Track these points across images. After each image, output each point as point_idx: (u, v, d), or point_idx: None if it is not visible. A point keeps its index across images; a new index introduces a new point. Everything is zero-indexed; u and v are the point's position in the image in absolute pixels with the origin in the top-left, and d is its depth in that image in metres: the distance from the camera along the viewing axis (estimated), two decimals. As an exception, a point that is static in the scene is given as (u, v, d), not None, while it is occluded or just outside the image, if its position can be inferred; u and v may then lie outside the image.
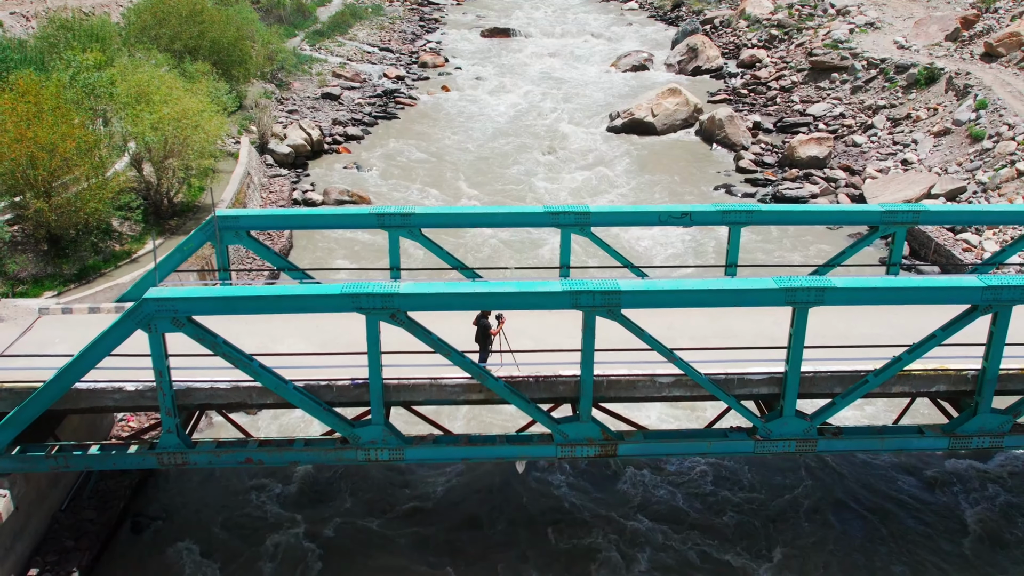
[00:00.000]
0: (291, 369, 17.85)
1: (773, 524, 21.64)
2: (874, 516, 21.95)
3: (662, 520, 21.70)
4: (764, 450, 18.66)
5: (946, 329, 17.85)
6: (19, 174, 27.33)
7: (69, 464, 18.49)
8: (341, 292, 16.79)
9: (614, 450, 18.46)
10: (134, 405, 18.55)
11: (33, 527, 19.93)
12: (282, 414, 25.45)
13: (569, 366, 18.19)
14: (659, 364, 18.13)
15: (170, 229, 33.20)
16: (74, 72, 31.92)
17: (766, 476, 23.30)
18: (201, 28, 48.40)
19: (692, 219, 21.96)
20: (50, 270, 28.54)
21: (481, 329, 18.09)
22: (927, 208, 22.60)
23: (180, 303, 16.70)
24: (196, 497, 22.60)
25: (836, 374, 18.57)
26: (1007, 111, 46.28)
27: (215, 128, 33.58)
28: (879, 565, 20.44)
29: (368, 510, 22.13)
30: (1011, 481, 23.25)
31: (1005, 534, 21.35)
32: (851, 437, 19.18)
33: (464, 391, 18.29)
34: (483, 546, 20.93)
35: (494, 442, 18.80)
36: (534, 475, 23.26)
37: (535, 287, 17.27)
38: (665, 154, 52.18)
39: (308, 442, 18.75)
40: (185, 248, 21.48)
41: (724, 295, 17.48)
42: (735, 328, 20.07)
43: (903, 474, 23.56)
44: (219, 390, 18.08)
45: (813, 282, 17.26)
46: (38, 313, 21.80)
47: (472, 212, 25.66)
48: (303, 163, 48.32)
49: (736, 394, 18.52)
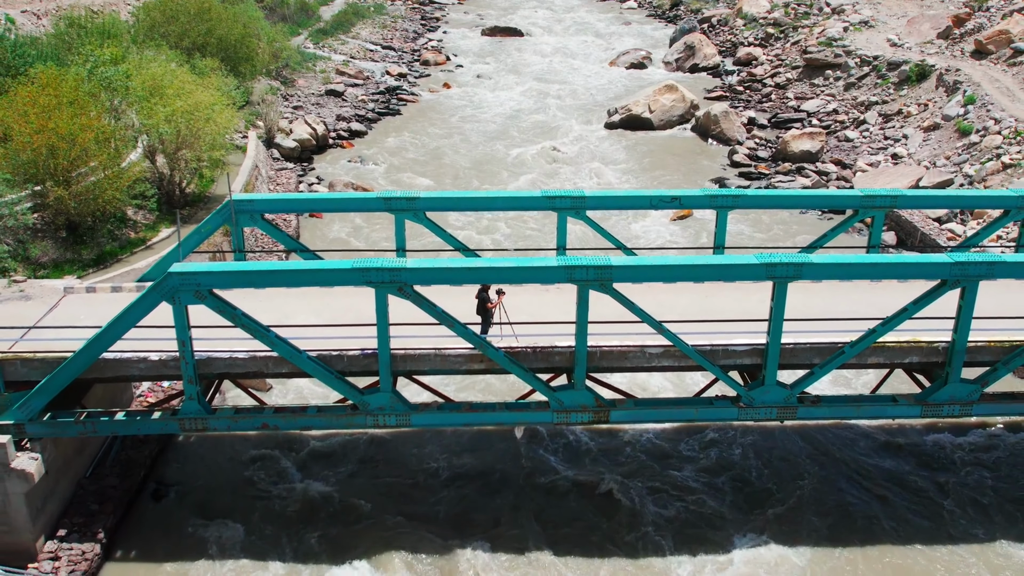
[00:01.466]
0: (304, 340, 19.08)
1: (766, 489, 22.88)
2: (857, 482, 23.19)
3: (658, 488, 22.92)
4: (747, 417, 19.92)
5: (917, 303, 19.09)
6: (40, 163, 28.56)
7: (96, 429, 19.76)
8: (352, 267, 18.04)
9: (607, 416, 19.72)
10: (157, 374, 19.81)
11: (61, 491, 21.20)
12: (291, 392, 26.73)
13: (564, 338, 19.43)
14: (649, 336, 19.36)
15: (183, 219, 34.40)
16: (92, 66, 33.16)
17: (758, 450, 24.53)
18: (209, 26, 49.66)
19: (682, 203, 23.21)
20: (69, 255, 29.76)
21: (481, 302, 19.33)
22: (904, 193, 23.85)
23: (202, 276, 17.96)
24: (213, 467, 23.85)
25: (815, 345, 19.80)
26: (994, 106, 47.54)
27: (226, 121, 34.82)
28: (865, 523, 21.70)
29: (376, 479, 23.36)
30: (986, 455, 24.49)
31: (979, 498, 22.62)
32: (829, 405, 20.46)
33: (466, 361, 19.54)
34: (488, 512, 22.14)
35: (494, 409, 20.06)
36: (535, 451, 24.49)
37: (533, 262, 18.53)
38: (661, 149, 53.44)
39: (320, 409, 20.02)
40: (203, 230, 22.73)
41: (709, 270, 18.75)
42: (722, 306, 21.31)
43: (888, 450, 24.81)
44: (238, 360, 19.34)
45: (792, 258, 18.50)
46: (63, 292, 23.07)
47: (474, 196, 26.91)
48: (308, 157, 49.62)
49: (721, 364, 19.77)
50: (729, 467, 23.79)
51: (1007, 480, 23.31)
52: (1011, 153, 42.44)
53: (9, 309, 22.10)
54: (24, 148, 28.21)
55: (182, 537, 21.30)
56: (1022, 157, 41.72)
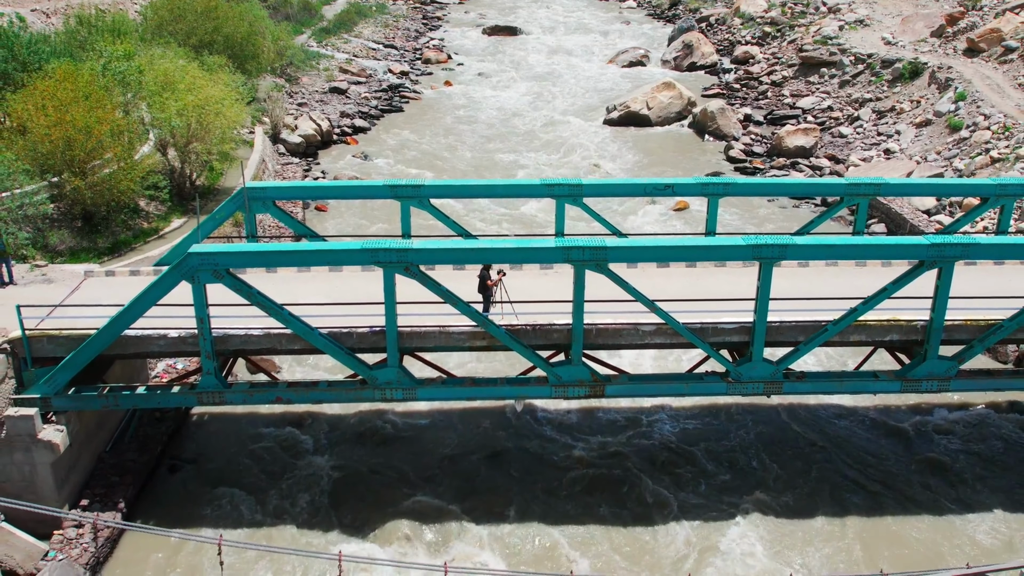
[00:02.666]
0: (316, 318, 20.14)
1: (758, 460, 23.97)
2: (840, 453, 24.27)
3: (654, 458, 23.99)
4: (735, 392, 20.98)
5: (896, 283, 20.14)
6: (58, 155, 29.66)
7: (119, 403, 20.84)
8: (362, 248, 19.12)
9: (602, 391, 20.79)
10: (176, 351, 20.88)
11: (83, 463, 22.27)
12: (300, 374, 27.80)
13: (562, 316, 20.48)
14: (643, 315, 20.42)
15: (193, 210, 35.50)
16: (106, 62, 34.25)
17: (750, 428, 25.60)
18: (216, 24, 50.73)
19: (675, 191, 24.29)
20: (85, 244, 30.88)
21: (482, 281, 20.40)
22: (887, 181, 24.91)
23: (220, 257, 19.04)
24: (226, 444, 24.91)
25: (799, 324, 20.85)
26: (984, 102, 48.60)
27: (235, 115, 35.94)
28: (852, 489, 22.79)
29: (383, 455, 24.42)
30: (961, 429, 25.63)
31: (950, 467, 23.80)
32: (814, 381, 21.53)
33: (469, 338, 20.61)
34: (490, 484, 23.20)
35: (496, 383, 21.14)
36: (536, 428, 25.55)
37: (532, 243, 19.63)
38: (659, 145, 54.52)
39: (331, 383, 21.12)
40: (218, 216, 23.81)
41: (699, 251, 19.85)
42: (713, 288, 22.37)
43: (869, 426, 25.88)
44: (253, 336, 20.41)
45: (777, 240, 19.56)
46: (83, 275, 24.16)
47: (476, 184, 27.97)
48: (313, 152, 50.72)
49: (711, 342, 20.83)
50: (723, 443, 24.85)
51: (991, 458, 24.37)
52: (999, 148, 43.50)
53: (33, 291, 23.19)
54: (42, 140, 29.32)
55: (198, 507, 22.34)
56: (1010, 151, 42.77)
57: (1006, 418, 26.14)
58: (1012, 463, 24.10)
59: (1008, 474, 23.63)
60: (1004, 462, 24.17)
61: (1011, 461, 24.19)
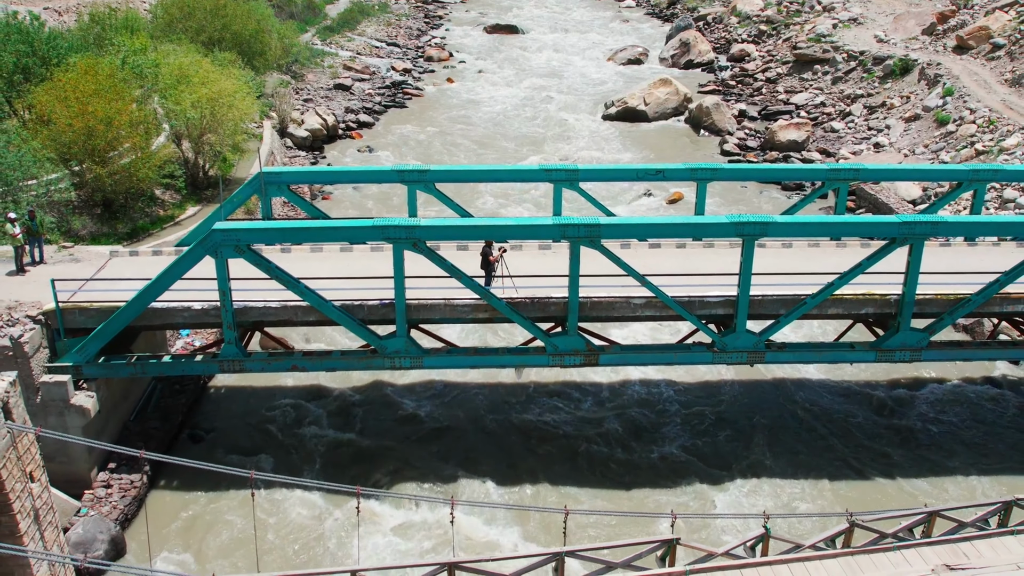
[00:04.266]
0: (329, 291, 21.61)
1: (742, 424, 25.48)
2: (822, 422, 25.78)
3: (647, 427, 25.50)
4: (720, 360, 22.45)
5: (870, 259, 21.60)
6: (80, 144, 31.15)
7: (145, 371, 22.34)
8: (373, 225, 20.61)
9: (596, 359, 22.27)
10: (199, 322, 22.37)
11: (110, 430, 23.77)
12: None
13: (559, 290, 21.96)
14: (634, 288, 21.89)
15: (206, 198, 37.07)
16: (124, 56, 35.75)
17: (736, 397, 27.12)
18: (224, 21, 52.25)
19: (665, 175, 25.75)
20: (106, 229, 32.40)
21: (484, 256, 21.88)
22: (866, 167, 26.39)
23: (242, 233, 20.52)
24: (244, 415, 26.38)
25: (780, 297, 22.32)
26: (970, 97, 50.09)
27: (246, 107, 37.43)
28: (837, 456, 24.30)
29: (392, 423, 25.91)
30: (934, 398, 27.18)
31: (920, 431, 25.40)
32: (794, 351, 23.01)
33: (472, 310, 22.08)
34: (493, 447, 24.71)
35: (497, 352, 22.63)
36: (537, 399, 27.05)
37: (531, 221, 21.11)
38: (655, 139, 56.02)
39: (344, 353, 22.59)
40: (236, 199, 25.30)
41: (686, 228, 21.33)
42: (701, 266, 23.80)
43: (848, 397, 27.39)
44: (271, 308, 21.89)
45: (758, 218, 21.03)
46: (109, 255, 25.64)
47: (479, 169, 29.46)
48: (320, 146, 52.22)
49: (697, 314, 22.30)
50: (706, 410, 26.37)
51: (959, 423, 25.87)
52: (984, 141, 45.01)
53: (61, 270, 24.65)
54: (66, 130, 30.80)
55: (217, 474, 23.78)
56: (994, 144, 44.27)
57: (977, 390, 27.62)
58: (978, 425, 25.69)
59: (973, 434, 25.25)
60: (971, 425, 25.74)
61: (977, 424, 25.77)
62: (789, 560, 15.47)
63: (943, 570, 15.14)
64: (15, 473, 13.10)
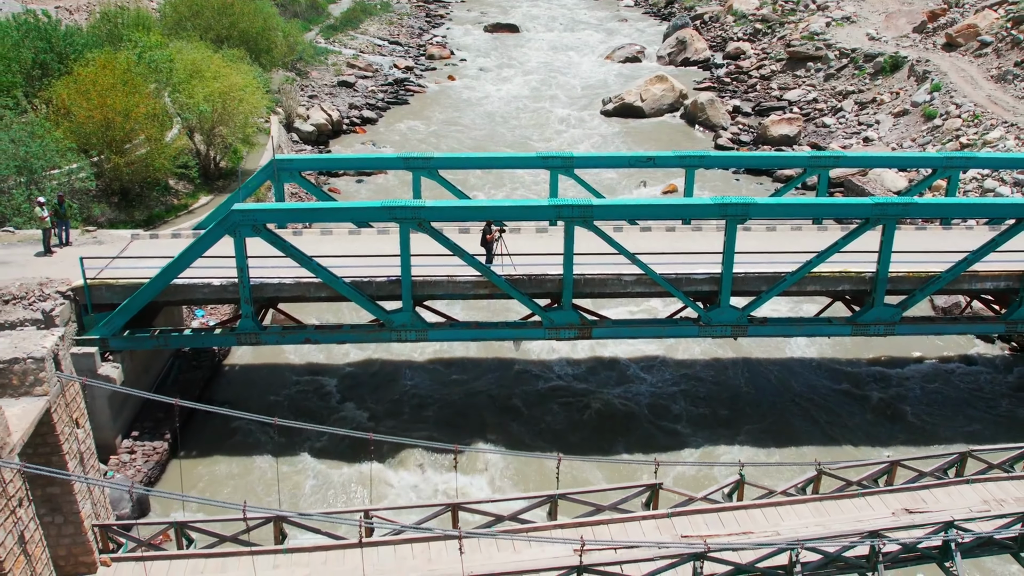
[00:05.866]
0: (339, 269, 23.12)
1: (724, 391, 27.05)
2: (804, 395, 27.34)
3: (640, 399, 27.03)
4: (706, 334, 23.97)
5: (846, 238, 23.11)
6: (99, 135, 32.66)
7: (168, 343, 23.87)
8: (382, 205, 22.14)
9: (589, 332, 23.78)
10: (218, 298, 23.89)
11: (133, 401, 25.25)
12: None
13: (554, 268, 23.46)
14: (625, 266, 23.40)
15: (218, 188, 38.57)
16: (140, 51, 37.28)
17: (719, 371, 28.66)
18: (232, 19, 53.78)
19: (655, 162, 27.24)
20: (123, 217, 33.89)
21: (484, 236, 23.39)
22: (845, 154, 27.96)
23: (259, 214, 22.03)
24: (258, 389, 27.90)
25: (762, 275, 23.83)
26: (957, 92, 51.60)
27: (256, 101, 38.94)
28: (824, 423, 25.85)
29: (400, 396, 27.42)
30: (909, 374, 28.75)
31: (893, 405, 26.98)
32: (775, 325, 24.51)
33: (473, 286, 23.59)
34: (494, 417, 26.24)
35: (497, 326, 24.15)
36: (532, 372, 28.59)
37: (528, 203, 22.66)
38: (652, 133, 57.55)
39: (353, 327, 24.11)
40: (250, 184, 26.81)
41: (673, 209, 22.87)
42: (689, 248, 25.31)
43: (829, 375, 28.92)
44: (285, 284, 23.41)
45: (741, 200, 22.54)
46: (131, 238, 27.16)
47: (480, 156, 31.01)
48: (325, 140, 53.76)
49: (684, 291, 23.80)
50: (697, 382, 27.91)
51: (929, 394, 27.43)
52: (968, 134, 46.51)
53: (86, 251, 26.10)
54: (86, 122, 32.31)
55: (232, 438, 25.36)
56: (978, 137, 45.77)
57: (952, 367, 29.16)
58: (947, 396, 27.38)
59: (942, 403, 27.05)
60: (941, 395, 27.55)
61: (947, 394, 27.47)
62: (762, 505, 16.98)
63: (903, 513, 16.63)
64: (64, 418, 14.60)
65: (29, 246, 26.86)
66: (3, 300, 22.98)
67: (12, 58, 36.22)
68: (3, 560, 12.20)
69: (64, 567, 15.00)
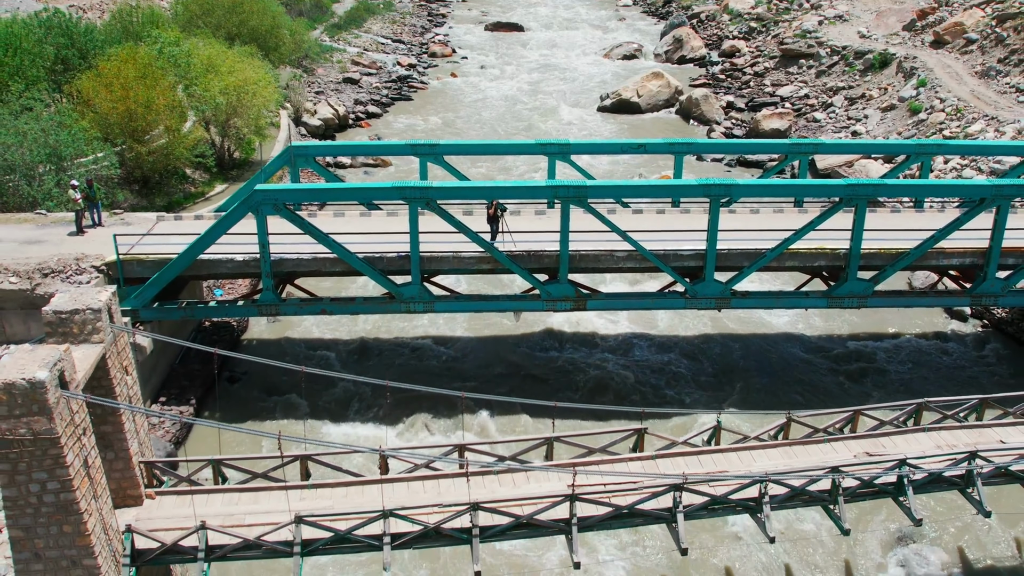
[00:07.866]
0: (353, 245, 25.01)
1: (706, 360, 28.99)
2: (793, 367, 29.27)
3: (634, 368, 28.95)
4: (692, 306, 25.88)
5: (821, 217, 25.00)
6: (122, 125, 34.59)
7: (194, 314, 25.80)
8: (392, 186, 24.05)
9: (584, 304, 25.69)
10: (241, 272, 25.81)
11: (160, 370, 27.23)
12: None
13: (552, 244, 25.35)
14: (617, 243, 25.29)
15: (232, 178, 40.51)
16: (160, 46, 39.22)
17: (706, 342, 30.59)
18: (241, 18, 55.71)
19: (646, 149, 29.13)
20: (144, 203, 35.84)
21: (489, 212, 25.31)
22: (824, 142, 29.90)
23: (280, 193, 23.95)
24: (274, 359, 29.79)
25: (743, 251, 25.72)
26: (942, 87, 53.53)
27: (269, 95, 40.87)
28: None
29: (408, 367, 29.32)
30: (885, 347, 30.72)
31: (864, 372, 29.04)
32: (756, 297, 26.42)
33: (477, 262, 25.49)
34: (494, 385, 28.09)
35: (498, 299, 26.08)
36: (530, 342, 30.51)
37: (527, 184, 24.61)
38: (647, 128, 59.43)
39: (366, 299, 26.03)
40: (268, 170, 28.71)
41: (662, 189, 24.79)
42: (677, 227, 27.22)
43: (812, 350, 30.84)
44: (303, 260, 25.32)
45: (724, 180, 24.45)
46: (156, 219, 29.08)
47: (482, 143, 32.99)
48: (332, 134, 55.68)
49: (672, 266, 25.69)
50: (682, 349, 29.86)
51: (900, 365, 29.36)
52: (951, 128, 48.42)
53: (116, 230, 28.08)
54: (110, 112, 34.24)
55: (253, 404, 27.30)
56: (960, 130, 47.67)
57: (924, 342, 31.10)
58: (916, 362, 29.43)
59: (909, 367, 29.15)
60: (909, 363, 29.64)
61: (915, 361, 29.54)
62: (737, 448, 18.88)
63: (864, 456, 18.53)
64: (116, 364, 16.49)
65: (61, 227, 28.78)
66: (43, 273, 24.95)
67: (36, 53, 38.15)
68: (72, 479, 14.11)
69: (115, 499, 16.88)
